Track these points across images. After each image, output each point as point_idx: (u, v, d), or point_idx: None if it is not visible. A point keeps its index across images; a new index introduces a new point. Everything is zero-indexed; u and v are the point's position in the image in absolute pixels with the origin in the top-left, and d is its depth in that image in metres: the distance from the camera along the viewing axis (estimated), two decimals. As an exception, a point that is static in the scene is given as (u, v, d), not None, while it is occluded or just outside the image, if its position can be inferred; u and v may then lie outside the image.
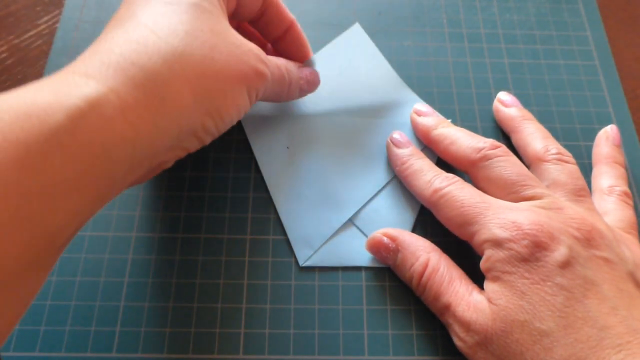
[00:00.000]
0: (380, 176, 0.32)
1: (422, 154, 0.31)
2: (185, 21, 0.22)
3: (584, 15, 0.40)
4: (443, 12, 0.39)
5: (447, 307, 0.26)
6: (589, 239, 0.25)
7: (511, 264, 0.24)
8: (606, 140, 0.32)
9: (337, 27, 0.37)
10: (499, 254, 0.24)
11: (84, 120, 0.18)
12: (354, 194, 0.31)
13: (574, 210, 0.26)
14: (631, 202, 0.30)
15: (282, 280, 0.29)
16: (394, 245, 0.28)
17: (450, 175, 0.29)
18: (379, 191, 0.31)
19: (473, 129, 0.34)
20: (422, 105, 0.33)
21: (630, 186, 0.32)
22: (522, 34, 0.39)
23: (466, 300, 0.25)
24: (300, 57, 0.32)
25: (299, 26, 0.31)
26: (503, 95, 0.34)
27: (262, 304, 0.28)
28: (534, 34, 0.39)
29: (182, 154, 0.24)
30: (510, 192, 0.27)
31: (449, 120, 0.32)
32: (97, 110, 0.18)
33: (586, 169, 0.33)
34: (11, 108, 0.17)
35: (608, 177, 0.30)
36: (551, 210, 0.25)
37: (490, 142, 0.28)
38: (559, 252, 0.24)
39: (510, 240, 0.24)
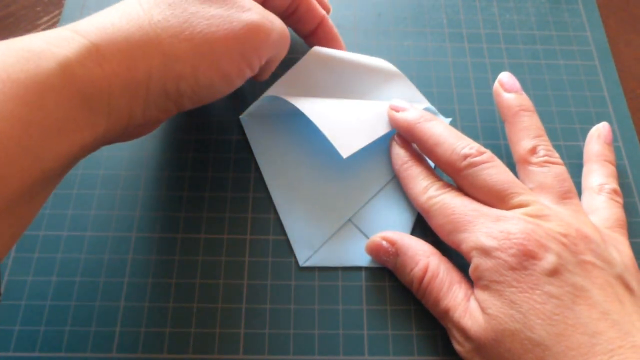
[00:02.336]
0: (380, 176, 0.32)
1: (422, 157, 0.31)
2: None
3: (584, 15, 0.40)
4: (443, 12, 0.39)
5: (446, 312, 0.26)
6: (575, 244, 0.24)
7: (499, 273, 0.24)
8: (597, 137, 0.32)
9: (338, 28, 0.37)
10: (487, 262, 0.24)
11: (69, 69, 0.20)
12: (354, 194, 0.31)
13: (560, 216, 0.26)
14: (620, 200, 0.29)
15: (282, 280, 0.29)
16: (393, 250, 0.28)
17: (446, 183, 0.29)
18: (379, 191, 0.31)
19: (473, 129, 0.34)
20: (397, 101, 0.32)
21: (630, 186, 0.32)
22: (522, 34, 0.39)
23: (463, 307, 0.25)
24: None
25: (330, 21, 0.33)
26: (504, 77, 0.32)
27: (262, 304, 0.28)
28: (534, 34, 0.39)
29: (162, 116, 0.26)
30: (495, 201, 0.27)
31: (426, 106, 0.31)
32: (81, 61, 0.21)
33: (586, 169, 0.33)
34: (13, 50, 0.19)
35: (598, 175, 0.30)
36: (538, 217, 0.25)
37: (476, 147, 0.28)
38: (547, 261, 0.24)
39: (497, 249, 0.24)
